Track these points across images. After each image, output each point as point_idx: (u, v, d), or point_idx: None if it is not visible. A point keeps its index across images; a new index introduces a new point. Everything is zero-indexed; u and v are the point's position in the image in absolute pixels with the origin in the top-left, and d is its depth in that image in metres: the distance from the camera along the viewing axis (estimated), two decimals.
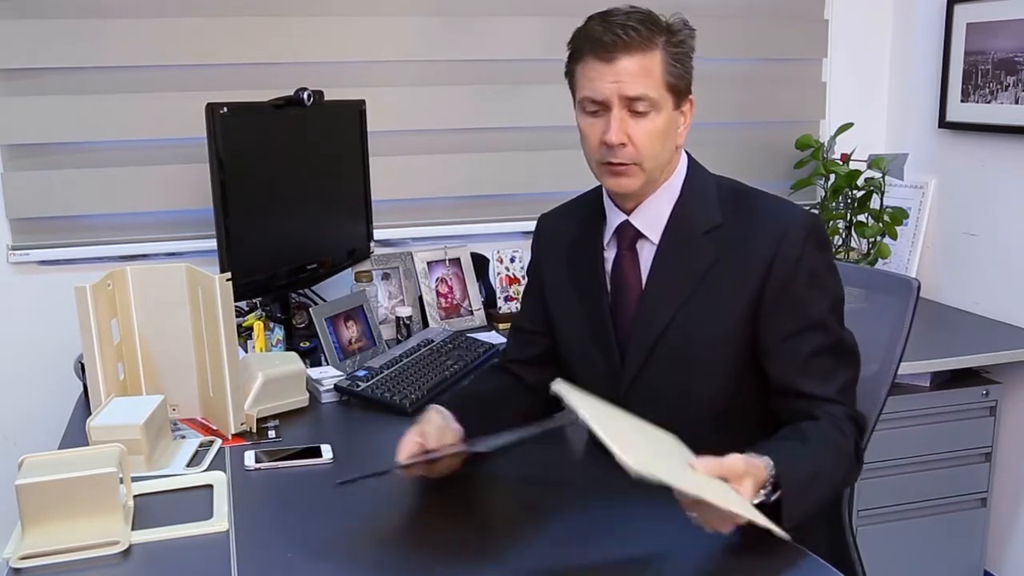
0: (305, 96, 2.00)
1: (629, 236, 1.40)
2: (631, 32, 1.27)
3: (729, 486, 1.11)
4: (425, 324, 2.32)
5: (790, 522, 1.15)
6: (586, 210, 1.49)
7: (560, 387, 1.08)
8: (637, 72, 1.28)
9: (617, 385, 1.41)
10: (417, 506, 1.32)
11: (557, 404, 1.59)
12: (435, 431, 1.33)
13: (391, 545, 1.25)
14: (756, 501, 1.14)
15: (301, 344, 2.05)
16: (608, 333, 1.41)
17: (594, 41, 1.29)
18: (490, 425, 1.34)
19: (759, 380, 1.37)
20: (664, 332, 1.36)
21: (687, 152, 1.42)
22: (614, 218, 1.41)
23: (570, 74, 1.36)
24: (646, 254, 1.39)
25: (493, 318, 2.40)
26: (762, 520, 1.10)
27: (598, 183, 1.48)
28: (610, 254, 1.43)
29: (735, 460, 1.13)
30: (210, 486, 1.42)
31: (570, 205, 1.56)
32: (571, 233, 1.49)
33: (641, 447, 1.07)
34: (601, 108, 1.31)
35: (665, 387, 1.38)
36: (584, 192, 1.54)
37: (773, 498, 1.15)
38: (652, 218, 1.38)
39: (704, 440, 1.31)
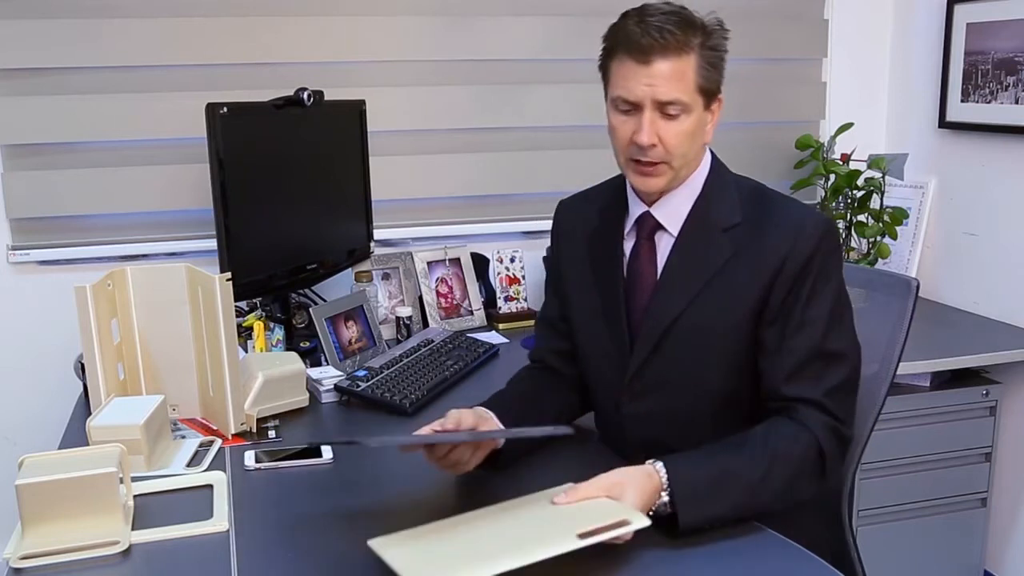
0: (305, 96, 2.00)
1: (649, 227, 1.42)
2: (667, 35, 1.27)
3: (605, 499, 1.16)
4: (425, 324, 2.32)
5: (687, 527, 1.19)
6: (607, 199, 1.50)
7: (375, 544, 1.12)
8: (671, 76, 1.28)
9: (624, 370, 1.42)
10: (419, 507, 1.31)
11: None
12: (466, 417, 1.34)
13: None
14: (654, 506, 1.19)
15: (301, 344, 2.05)
16: (620, 319, 1.43)
17: (630, 41, 1.29)
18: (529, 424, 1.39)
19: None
20: (675, 321, 1.37)
21: (711, 149, 1.43)
22: (636, 209, 1.43)
23: (604, 69, 1.37)
24: (663, 246, 1.41)
25: (493, 318, 2.40)
26: (637, 520, 1.12)
27: (611, 176, 1.49)
28: (628, 244, 1.45)
29: (601, 477, 1.19)
30: (210, 486, 1.42)
31: (591, 193, 1.57)
32: (592, 221, 1.50)
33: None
34: (633, 108, 1.32)
35: (671, 375, 1.40)
36: (606, 180, 1.55)
37: (665, 499, 1.20)
38: (673, 211, 1.40)
39: (704, 426, 1.37)
